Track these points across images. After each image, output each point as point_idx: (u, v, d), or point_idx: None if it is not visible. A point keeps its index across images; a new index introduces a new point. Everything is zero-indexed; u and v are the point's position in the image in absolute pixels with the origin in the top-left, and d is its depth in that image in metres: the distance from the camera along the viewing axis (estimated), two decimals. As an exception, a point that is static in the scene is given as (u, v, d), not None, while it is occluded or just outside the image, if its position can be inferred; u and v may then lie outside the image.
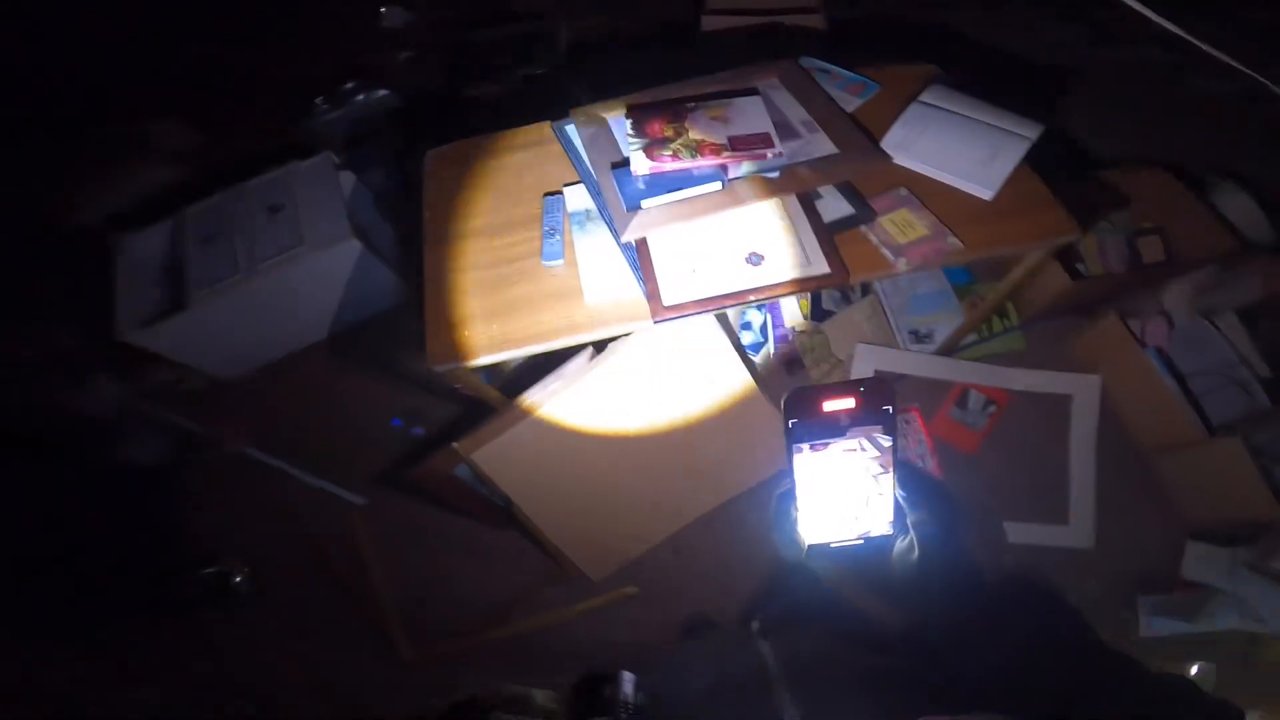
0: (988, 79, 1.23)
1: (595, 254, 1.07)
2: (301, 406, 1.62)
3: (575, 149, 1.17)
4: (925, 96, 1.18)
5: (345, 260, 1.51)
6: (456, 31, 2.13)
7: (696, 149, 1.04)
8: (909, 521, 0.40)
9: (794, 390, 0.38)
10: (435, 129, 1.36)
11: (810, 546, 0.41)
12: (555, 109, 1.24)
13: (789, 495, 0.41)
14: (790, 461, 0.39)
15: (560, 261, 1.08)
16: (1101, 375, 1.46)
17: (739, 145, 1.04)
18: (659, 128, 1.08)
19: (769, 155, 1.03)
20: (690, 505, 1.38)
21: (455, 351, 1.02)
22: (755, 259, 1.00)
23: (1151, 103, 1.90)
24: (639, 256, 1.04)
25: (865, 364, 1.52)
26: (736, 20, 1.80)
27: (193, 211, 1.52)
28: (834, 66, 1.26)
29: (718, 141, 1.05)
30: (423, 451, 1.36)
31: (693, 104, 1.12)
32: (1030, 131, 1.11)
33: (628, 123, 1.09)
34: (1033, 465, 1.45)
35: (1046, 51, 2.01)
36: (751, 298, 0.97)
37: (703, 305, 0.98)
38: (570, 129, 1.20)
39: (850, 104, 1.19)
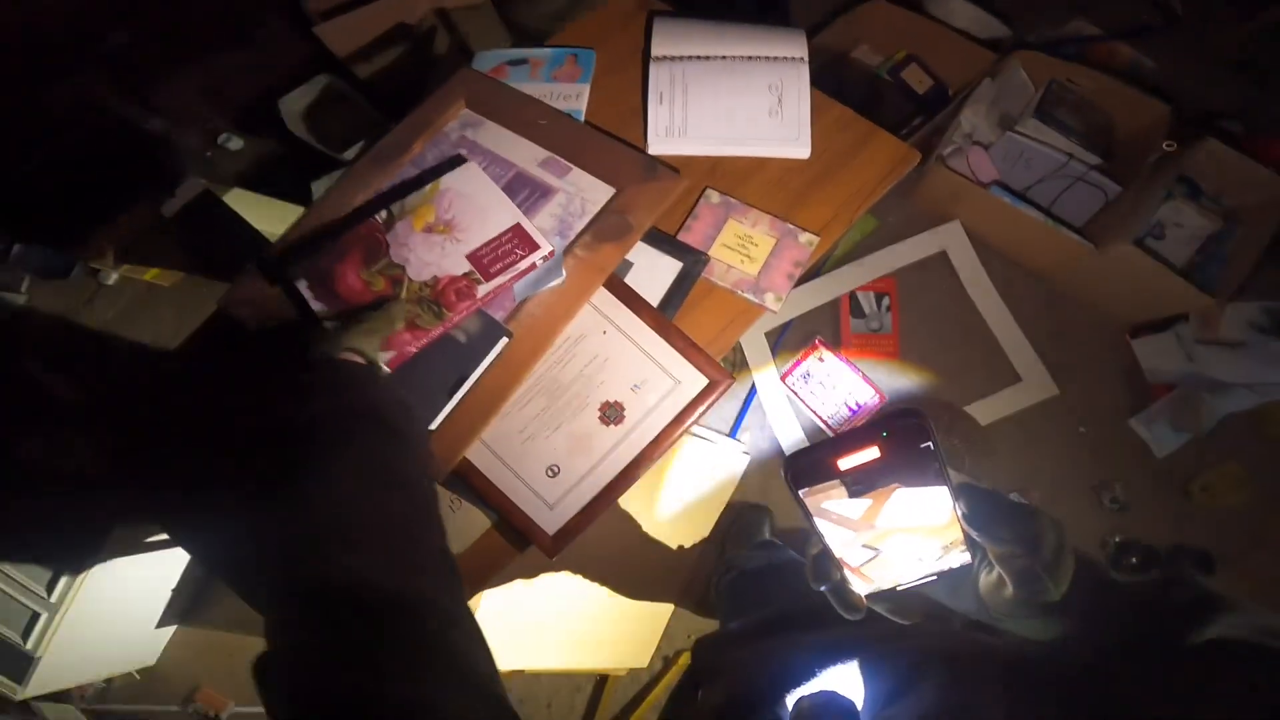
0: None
1: None
2: (236, 648, 1.43)
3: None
4: (658, 48, 0.89)
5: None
6: None
7: (436, 301, 0.67)
8: (992, 557, 0.34)
9: (792, 456, 0.32)
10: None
11: (870, 595, 0.36)
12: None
13: (825, 557, 0.35)
14: (814, 528, 0.33)
15: None
16: (959, 218, 1.38)
17: (490, 264, 0.69)
18: (355, 284, 0.68)
19: (537, 258, 0.69)
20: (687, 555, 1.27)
21: None
22: (612, 413, 0.68)
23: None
24: (474, 487, 0.69)
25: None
26: (361, 19, 1.34)
27: None
28: (525, 50, 0.91)
29: (457, 273, 0.68)
30: None
31: (382, 214, 0.72)
32: (797, 49, 0.87)
33: (304, 290, 0.68)
34: (957, 339, 1.36)
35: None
36: (640, 471, 0.67)
37: (591, 512, 0.66)
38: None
39: (575, 97, 0.86)
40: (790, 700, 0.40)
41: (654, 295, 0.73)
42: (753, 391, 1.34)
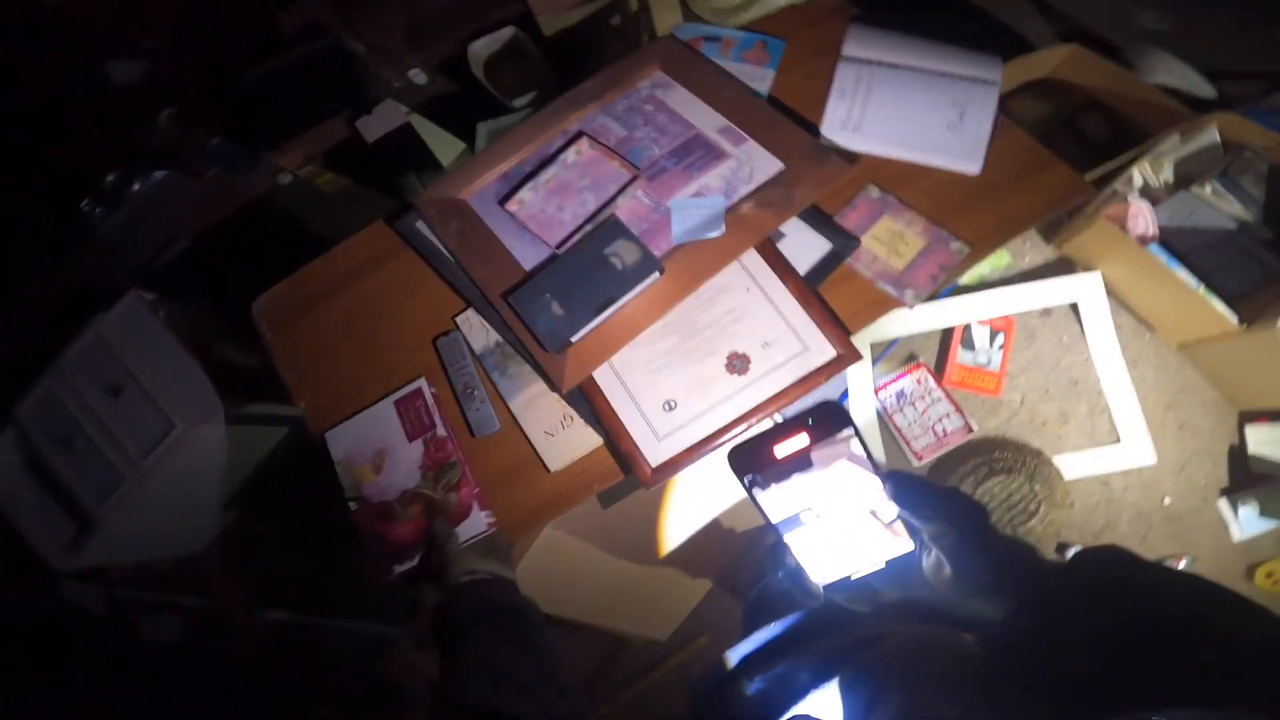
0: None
1: (538, 405, 0.78)
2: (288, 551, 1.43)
3: (444, 260, 0.84)
4: (849, 49, 0.92)
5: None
6: (217, 76, 1.66)
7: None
8: (926, 537, 0.38)
9: (735, 448, 0.36)
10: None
11: (826, 586, 0.39)
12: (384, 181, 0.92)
13: (780, 546, 0.39)
14: (764, 516, 0.38)
15: (496, 428, 0.77)
16: (1101, 272, 1.33)
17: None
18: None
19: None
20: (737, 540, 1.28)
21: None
22: (738, 363, 0.73)
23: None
24: (593, 405, 0.75)
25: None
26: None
27: (25, 415, 1.21)
28: (719, 29, 0.96)
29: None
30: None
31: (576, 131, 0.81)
32: (992, 73, 0.88)
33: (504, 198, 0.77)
34: (1064, 390, 1.31)
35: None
36: (748, 422, 0.71)
37: (695, 452, 0.71)
38: (422, 228, 0.87)
39: (761, 80, 0.91)
40: None
41: (801, 267, 0.77)
42: (844, 397, 1.34)
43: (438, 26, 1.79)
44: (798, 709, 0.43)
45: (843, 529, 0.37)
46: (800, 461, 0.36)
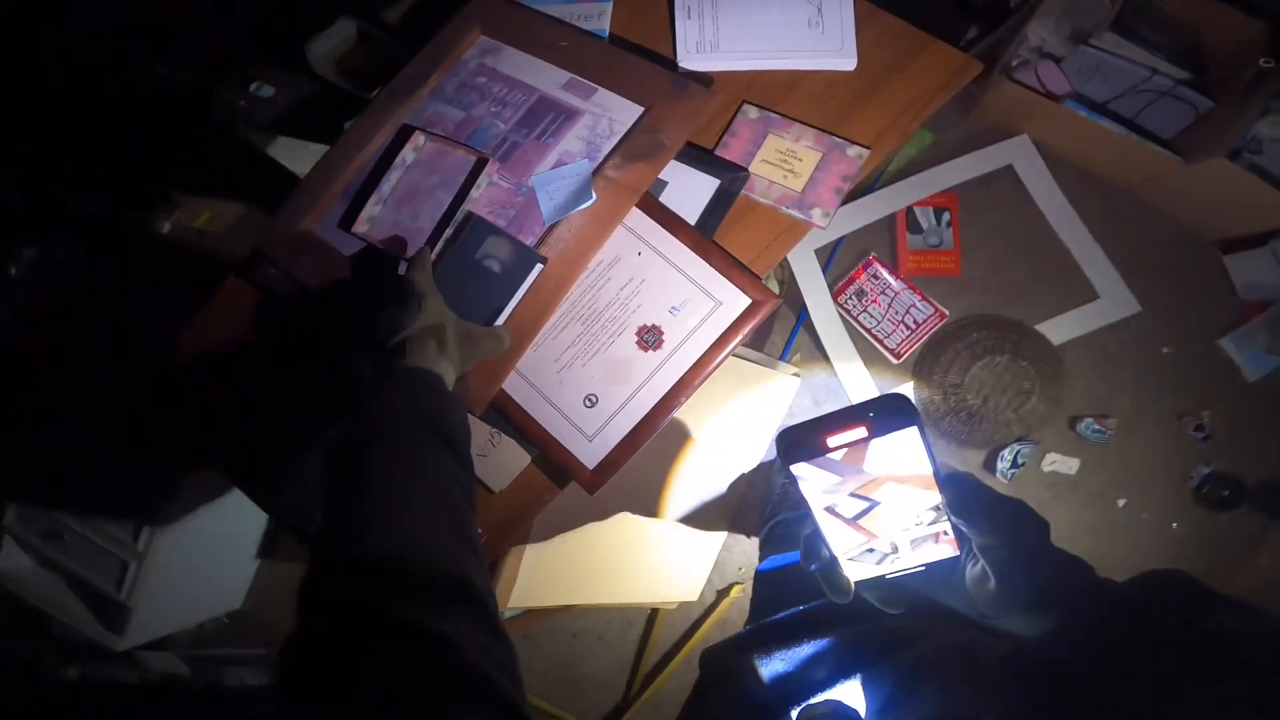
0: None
1: None
2: None
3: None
4: (685, -39, 0.83)
5: (207, 487, 1.26)
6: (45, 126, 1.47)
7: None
8: (975, 547, 0.35)
9: (784, 431, 0.33)
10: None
11: (859, 582, 0.37)
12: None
13: (817, 537, 0.36)
14: (805, 504, 0.34)
15: None
16: (1027, 133, 1.29)
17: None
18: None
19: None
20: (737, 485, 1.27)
21: None
22: (650, 337, 0.65)
23: None
24: (512, 421, 0.68)
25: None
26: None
27: (9, 521, 1.23)
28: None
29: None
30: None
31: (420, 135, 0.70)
32: (841, -50, 0.81)
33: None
34: (1025, 254, 1.28)
35: None
36: (679, 397, 0.63)
37: (633, 443, 0.64)
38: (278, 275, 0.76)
39: (598, 17, 0.80)
40: (795, 713, 0.39)
41: (691, 214, 0.69)
42: (803, 312, 1.29)
43: (265, 31, 1.62)
44: (827, 694, 0.39)
45: (886, 527, 0.35)
46: (855, 454, 0.33)
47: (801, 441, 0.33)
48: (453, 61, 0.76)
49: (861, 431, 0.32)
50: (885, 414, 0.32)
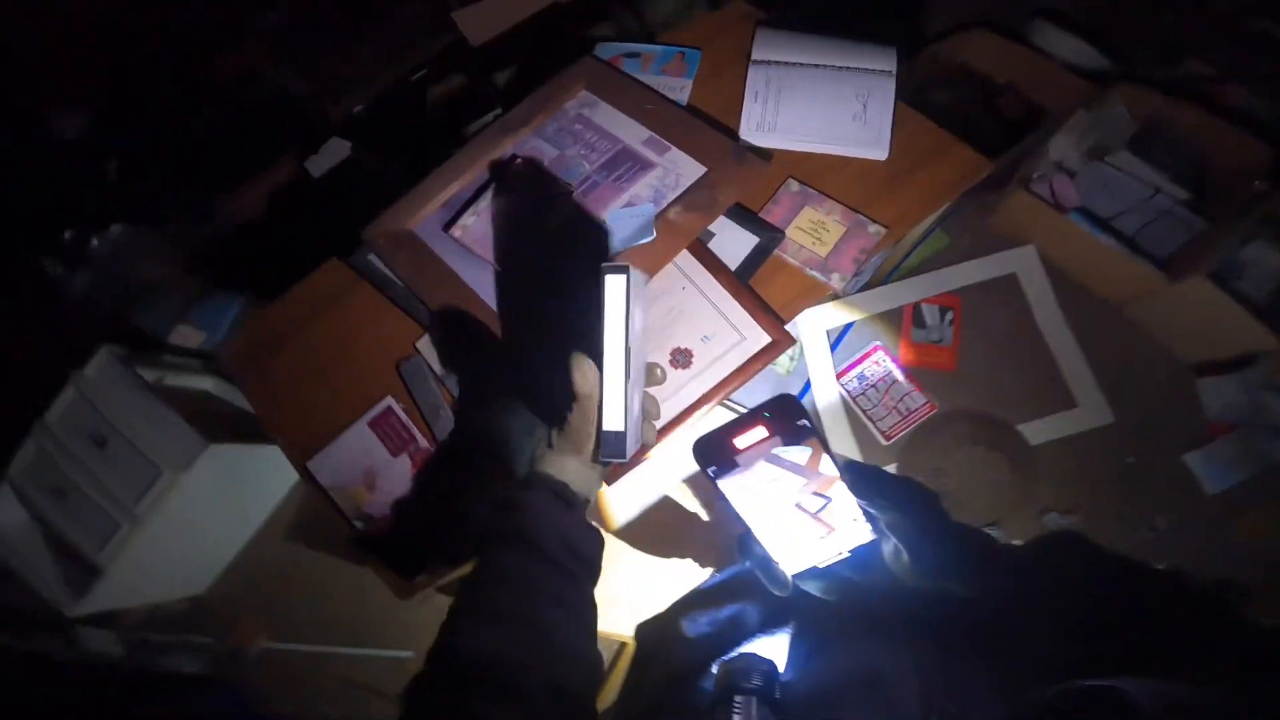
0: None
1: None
2: (291, 585, 1.51)
3: (398, 289, 0.88)
4: (758, 53, 0.98)
5: (219, 462, 1.28)
6: (158, 120, 1.66)
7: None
8: (884, 526, 0.39)
9: (698, 440, 0.38)
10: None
11: (795, 575, 0.40)
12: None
13: (749, 536, 0.40)
14: (730, 506, 0.38)
15: None
16: (1034, 244, 1.42)
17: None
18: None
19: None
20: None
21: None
22: (682, 358, 0.78)
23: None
24: None
25: (807, 325, 1.41)
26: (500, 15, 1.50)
27: (17, 473, 1.27)
28: (638, 45, 1.02)
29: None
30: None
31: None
32: (886, 62, 0.95)
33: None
34: (1017, 358, 1.39)
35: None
36: (698, 411, 0.76)
37: (647, 446, 0.76)
38: (374, 260, 0.91)
39: (680, 90, 0.97)
40: (715, 667, 0.42)
41: (731, 263, 0.82)
42: (806, 386, 1.40)
43: (375, 63, 1.82)
44: (744, 648, 0.44)
45: (805, 519, 0.38)
46: (760, 453, 0.37)
47: (712, 447, 0.37)
48: (556, 107, 0.91)
49: (761, 431, 0.37)
50: (779, 412, 0.37)
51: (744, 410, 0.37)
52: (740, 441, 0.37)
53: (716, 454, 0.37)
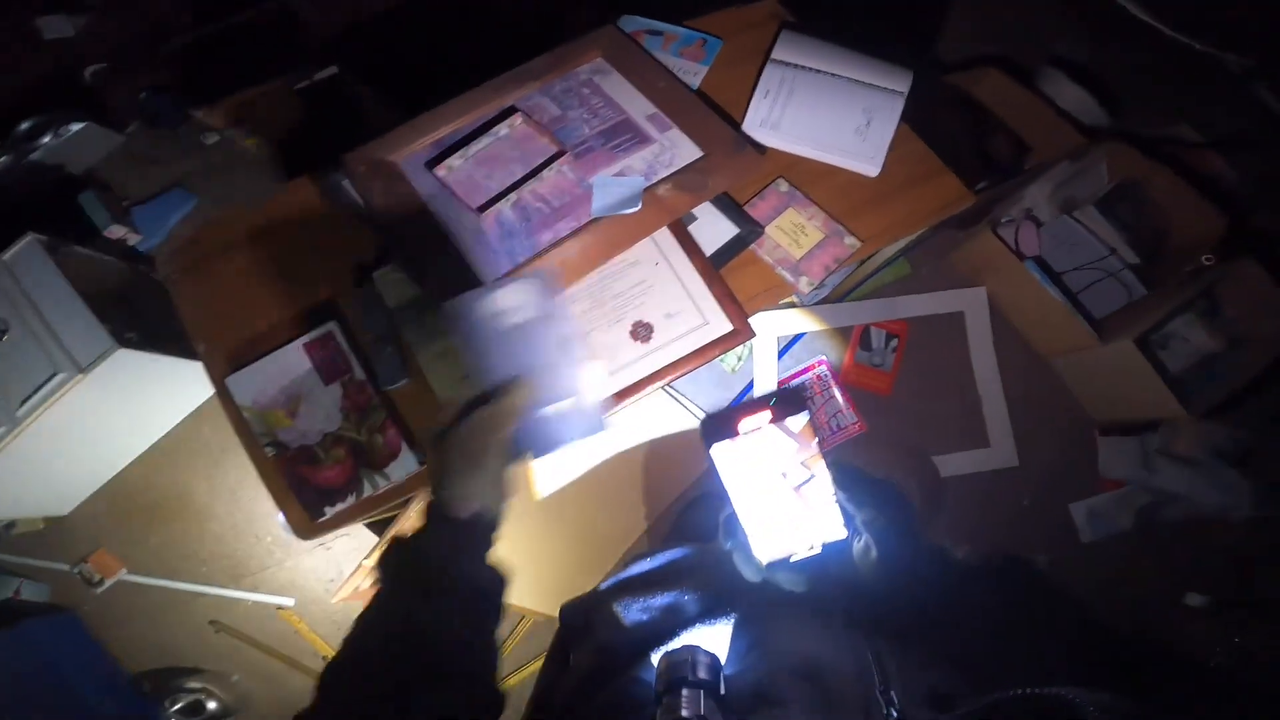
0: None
1: (448, 359, 0.81)
2: (159, 517, 1.46)
3: (364, 216, 0.87)
4: (779, 53, 0.99)
5: (122, 371, 1.20)
6: (155, 35, 1.61)
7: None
8: (859, 523, 0.41)
9: (708, 416, 0.41)
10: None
11: (769, 563, 0.41)
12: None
13: (733, 518, 0.42)
14: (722, 485, 0.41)
15: (404, 380, 0.82)
16: (987, 286, 1.47)
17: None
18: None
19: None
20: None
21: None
22: (643, 331, 0.80)
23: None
24: None
25: (761, 327, 1.44)
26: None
27: None
28: (663, 24, 1.02)
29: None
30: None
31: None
32: (901, 84, 0.97)
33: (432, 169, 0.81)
34: (946, 393, 1.47)
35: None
36: (647, 388, 0.78)
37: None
38: (347, 185, 0.89)
39: (694, 74, 0.97)
40: (655, 658, 0.41)
41: (708, 248, 0.84)
42: (748, 387, 1.44)
43: None
44: (685, 639, 0.43)
45: (787, 508, 0.41)
46: (759, 437, 0.40)
47: (719, 425, 0.40)
48: (568, 69, 0.91)
49: (765, 416, 0.40)
50: (784, 402, 0.40)
51: (687, 400, 0.41)
52: (745, 424, 0.40)
53: (720, 432, 0.40)
